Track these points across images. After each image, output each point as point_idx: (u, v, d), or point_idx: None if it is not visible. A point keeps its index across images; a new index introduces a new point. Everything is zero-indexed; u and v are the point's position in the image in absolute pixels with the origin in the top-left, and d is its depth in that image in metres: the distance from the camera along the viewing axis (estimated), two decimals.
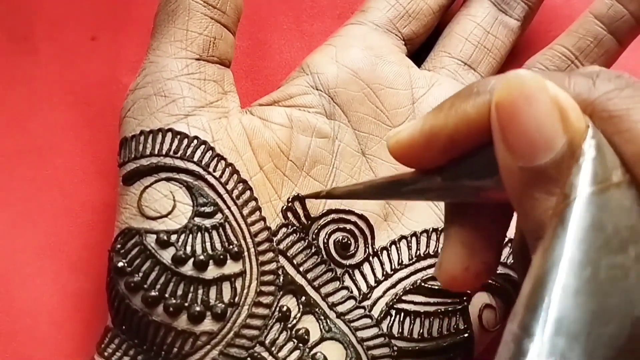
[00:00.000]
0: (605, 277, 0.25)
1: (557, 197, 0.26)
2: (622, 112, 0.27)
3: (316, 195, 0.41)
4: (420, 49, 0.49)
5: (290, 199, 0.43)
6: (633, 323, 0.25)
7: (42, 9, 0.53)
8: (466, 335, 0.42)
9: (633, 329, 0.24)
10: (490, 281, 0.43)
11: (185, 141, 0.40)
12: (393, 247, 0.44)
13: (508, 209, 0.33)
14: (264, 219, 0.42)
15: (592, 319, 0.24)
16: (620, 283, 0.25)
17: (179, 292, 0.39)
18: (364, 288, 0.43)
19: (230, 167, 0.41)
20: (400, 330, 0.42)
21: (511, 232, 0.45)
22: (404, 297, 0.43)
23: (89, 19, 0.53)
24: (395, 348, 0.42)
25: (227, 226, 0.40)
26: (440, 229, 0.44)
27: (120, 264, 0.39)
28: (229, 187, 0.41)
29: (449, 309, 0.43)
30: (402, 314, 0.42)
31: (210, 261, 0.39)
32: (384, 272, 0.43)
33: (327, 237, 0.43)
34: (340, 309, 0.42)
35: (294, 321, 0.41)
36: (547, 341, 0.24)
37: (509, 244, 0.44)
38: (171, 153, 0.40)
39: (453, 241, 0.35)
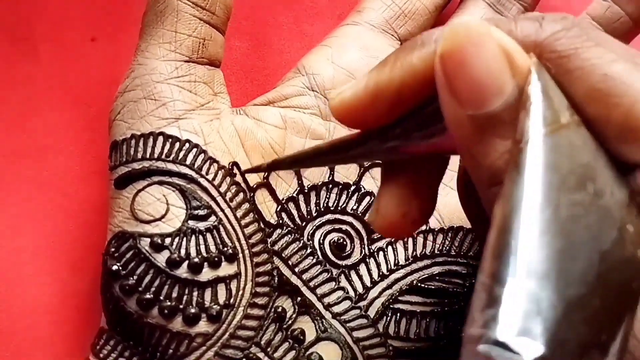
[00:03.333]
0: (566, 215, 0.25)
1: (512, 145, 0.26)
2: (570, 52, 0.27)
3: (257, 169, 0.39)
4: None
5: (284, 200, 0.43)
6: (601, 258, 0.25)
7: (42, 9, 0.53)
8: (463, 335, 0.42)
9: (602, 264, 0.25)
10: None
11: (177, 145, 0.40)
12: (389, 247, 0.44)
13: (443, 159, 0.34)
14: (258, 220, 0.42)
15: (559, 257, 0.24)
16: (582, 220, 0.25)
17: (174, 295, 0.39)
18: (359, 288, 0.43)
19: (223, 170, 0.41)
20: (396, 330, 0.42)
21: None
22: (400, 298, 0.43)
23: (89, 19, 0.53)
24: (391, 348, 0.42)
25: (221, 228, 0.40)
26: (437, 229, 0.44)
27: (114, 268, 0.39)
28: (222, 189, 0.41)
29: (446, 309, 0.43)
30: (398, 314, 0.42)
31: (205, 263, 0.40)
32: (380, 273, 0.43)
33: (322, 237, 0.43)
34: (336, 309, 0.42)
35: (290, 322, 0.41)
36: (517, 285, 0.24)
37: None
38: (163, 157, 0.40)
39: (390, 189, 0.34)
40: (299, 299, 0.42)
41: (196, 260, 0.39)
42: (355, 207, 0.44)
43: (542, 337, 0.23)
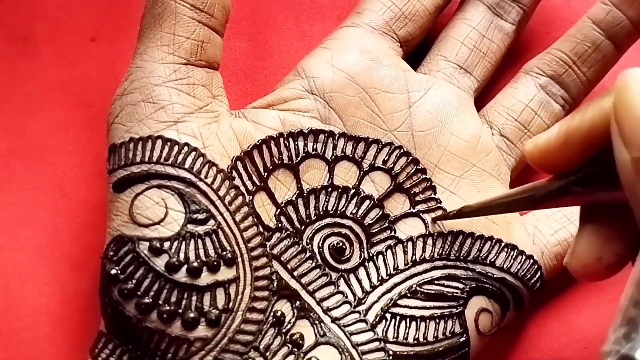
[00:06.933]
0: None
1: None
2: None
3: (445, 217, 0.42)
4: (415, 51, 0.49)
5: (283, 203, 0.43)
6: None
7: (42, 9, 0.53)
8: (462, 339, 0.42)
9: None
10: (486, 285, 0.43)
11: (176, 148, 0.40)
12: (389, 251, 0.44)
13: None
14: (257, 224, 0.42)
15: None
16: None
17: (173, 299, 0.39)
18: (359, 293, 0.43)
19: (221, 174, 0.41)
20: (395, 334, 0.42)
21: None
22: (399, 302, 0.43)
23: (89, 19, 0.53)
24: (390, 352, 0.41)
25: (220, 232, 0.40)
26: (436, 233, 0.44)
27: (113, 272, 0.39)
28: (221, 193, 0.41)
29: (445, 313, 0.43)
30: (398, 319, 0.42)
31: (204, 268, 0.39)
32: (380, 277, 0.43)
33: (321, 241, 0.43)
34: (335, 313, 0.42)
35: (289, 326, 0.41)
36: None
37: (505, 248, 0.44)
38: (162, 160, 0.40)
39: (587, 231, 0.35)
40: (297, 303, 0.42)
41: (195, 264, 0.39)
42: (354, 211, 0.44)
43: None
